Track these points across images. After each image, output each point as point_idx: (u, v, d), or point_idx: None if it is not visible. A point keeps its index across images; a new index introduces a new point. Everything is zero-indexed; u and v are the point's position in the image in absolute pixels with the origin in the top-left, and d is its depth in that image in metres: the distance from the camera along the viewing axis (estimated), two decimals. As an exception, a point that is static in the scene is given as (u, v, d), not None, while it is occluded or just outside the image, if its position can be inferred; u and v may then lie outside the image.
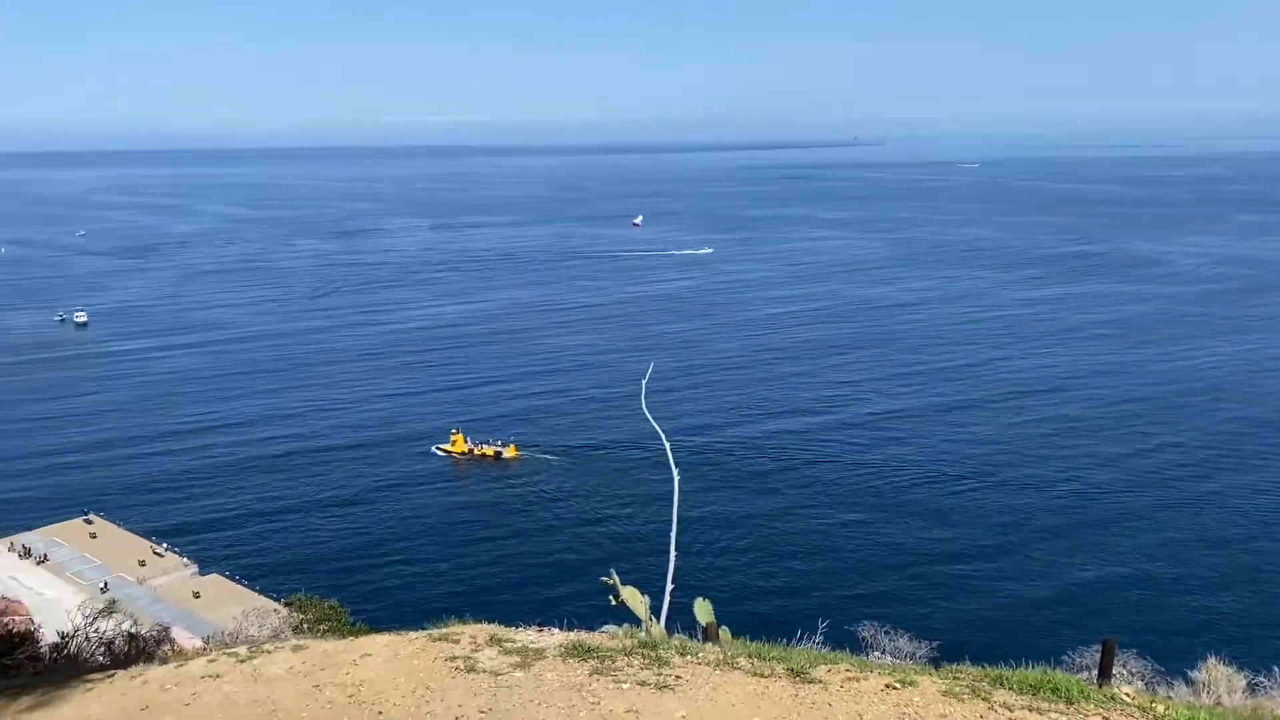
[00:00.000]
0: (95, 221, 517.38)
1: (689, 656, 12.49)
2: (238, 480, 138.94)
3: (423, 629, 11.28)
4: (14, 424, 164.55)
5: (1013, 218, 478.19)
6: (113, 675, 9.15)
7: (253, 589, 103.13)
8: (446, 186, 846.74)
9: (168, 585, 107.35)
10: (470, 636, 11.06)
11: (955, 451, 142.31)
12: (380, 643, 10.01)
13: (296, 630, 30.00)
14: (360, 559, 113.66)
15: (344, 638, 10.28)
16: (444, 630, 11.20)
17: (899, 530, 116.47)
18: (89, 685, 8.76)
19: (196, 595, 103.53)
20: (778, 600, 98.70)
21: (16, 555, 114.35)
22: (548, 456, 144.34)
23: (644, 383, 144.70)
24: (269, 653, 9.26)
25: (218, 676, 8.64)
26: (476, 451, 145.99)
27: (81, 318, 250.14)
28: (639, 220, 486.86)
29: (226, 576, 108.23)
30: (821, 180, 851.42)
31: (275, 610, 40.28)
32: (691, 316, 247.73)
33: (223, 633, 33.91)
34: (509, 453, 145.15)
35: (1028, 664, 13.33)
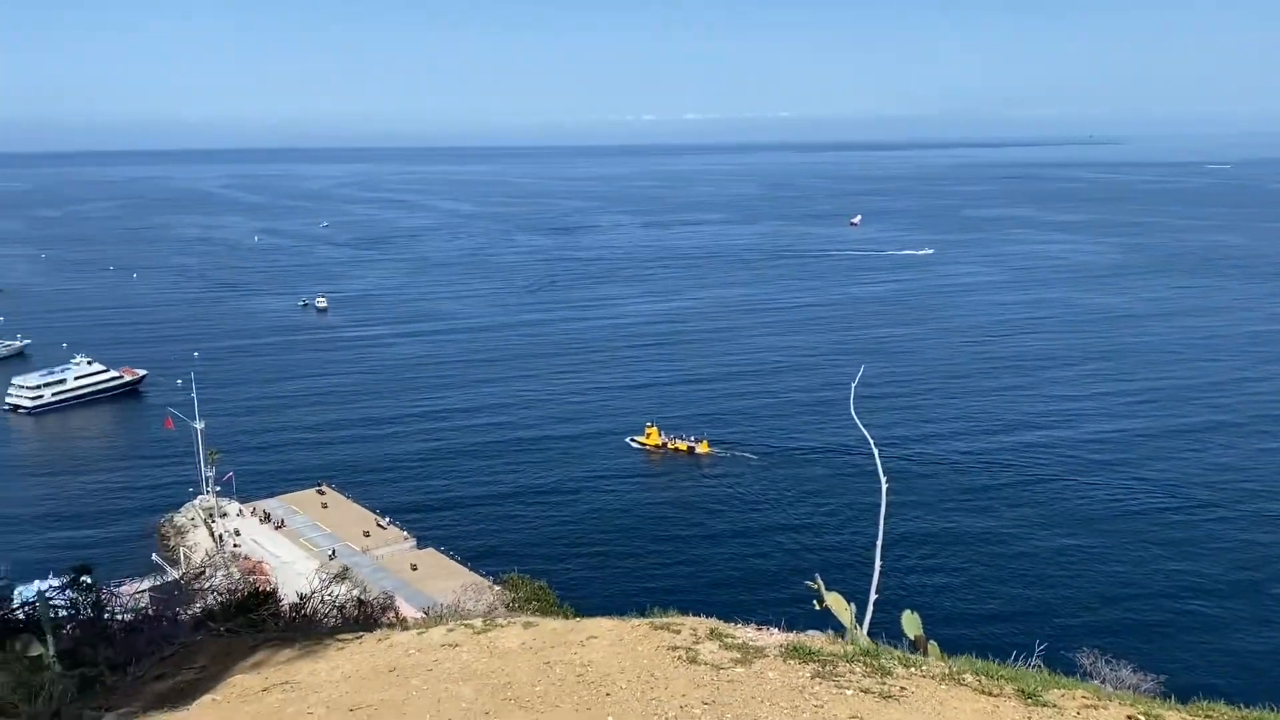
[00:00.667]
0: (338, 214, 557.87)
1: (913, 669, 11.94)
2: (452, 462, 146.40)
3: (644, 616, 11.33)
4: (262, 400, 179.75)
5: (1270, 224, 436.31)
6: (360, 637, 9.72)
7: (464, 565, 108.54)
8: (660, 184, 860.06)
9: (388, 556, 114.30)
10: (691, 629, 11.01)
11: (1193, 478, 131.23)
12: (605, 626, 10.11)
13: (508, 608, 31.13)
14: (560, 543, 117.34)
15: (568, 619, 10.48)
16: (665, 620, 11.20)
17: (1124, 559, 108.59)
18: (341, 644, 9.28)
19: (414, 568, 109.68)
20: (989, 622, 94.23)
21: (258, 520, 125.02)
22: (746, 455, 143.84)
23: (853, 386, 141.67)
24: (502, 627, 9.52)
25: (456, 645, 8.96)
26: (670, 446, 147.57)
27: (322, 304, 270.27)
28: (857, 219, 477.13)
29: (441, 552, 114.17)
30: (1051, 180, 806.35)
31: (489, 587, 41.91)
32: (907, 320, 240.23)
33: (441, 605, 35.43)
34: (702, 448, 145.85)
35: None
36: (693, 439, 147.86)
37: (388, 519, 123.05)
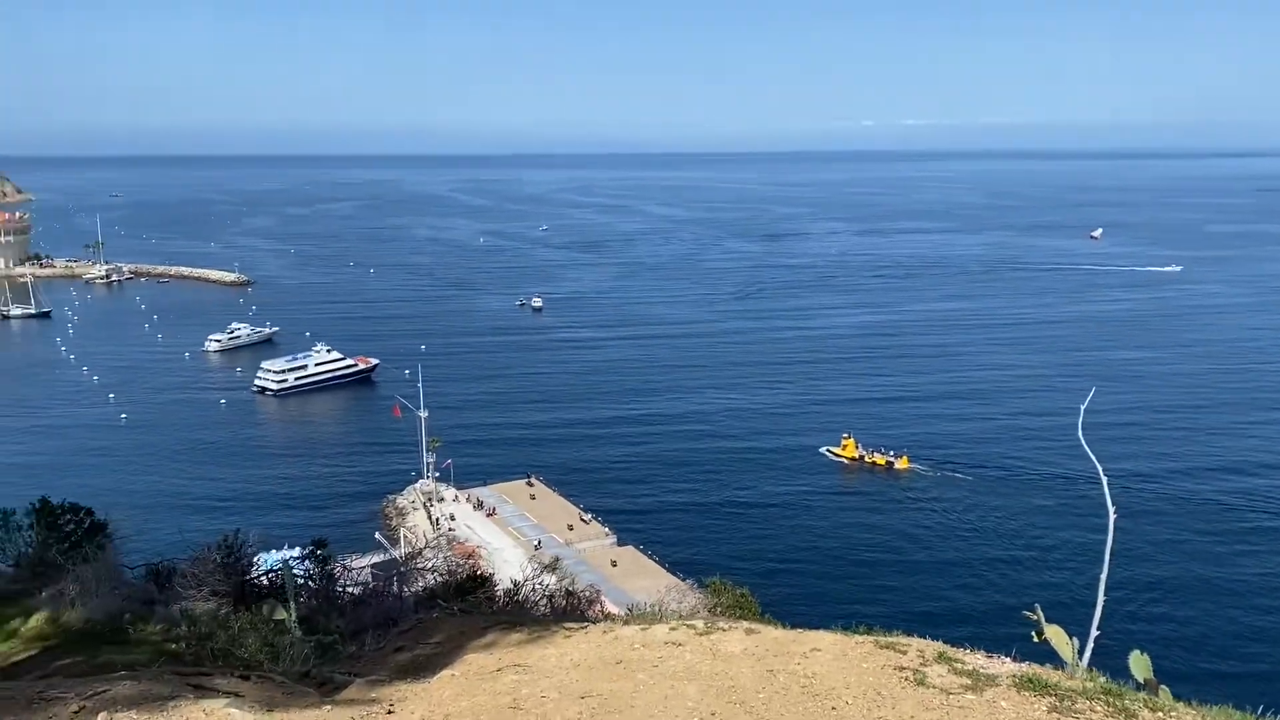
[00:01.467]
0: (556, 218, 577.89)
1: (1159, 713, 10.91)
2: (653, 462, 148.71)
3: (868, 633, 10.90)
4: (480, 393, 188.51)
5: None
6: (585, 627, 9.85)
7: (662, 565, 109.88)
8: (876, 191, 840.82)
9: (590, 551, 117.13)
10: (918, 650, 10.49)
11: None
12: (827, 640, 9.78)
13: (711, 612, 31.06)
14: (754, 551, 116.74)
15: (789, 629, 10.22)
16: (890, 639, 10.73)
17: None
18: (568, 633, 9.43)
19: (614, 564, 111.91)
20: (1225, 680, 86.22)
21: (471, 507, 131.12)
22: (955, 476, 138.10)
23: (1082, 410, 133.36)
24: (724, 630, 9.39)
25: (680, 645, 8.90)
26: (867, 459, 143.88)
27: (538, 304, 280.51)
28: (1098, 233, 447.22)
29: (640, 550, 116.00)
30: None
31: (691, 590, 41.93)
32: (1147, 342, 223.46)
33: (644, 603, 35.65)
34: (901, 464, 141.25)
35: None
36: (891, 454, 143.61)
37: (590, 514, 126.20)
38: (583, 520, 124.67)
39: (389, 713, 6.32)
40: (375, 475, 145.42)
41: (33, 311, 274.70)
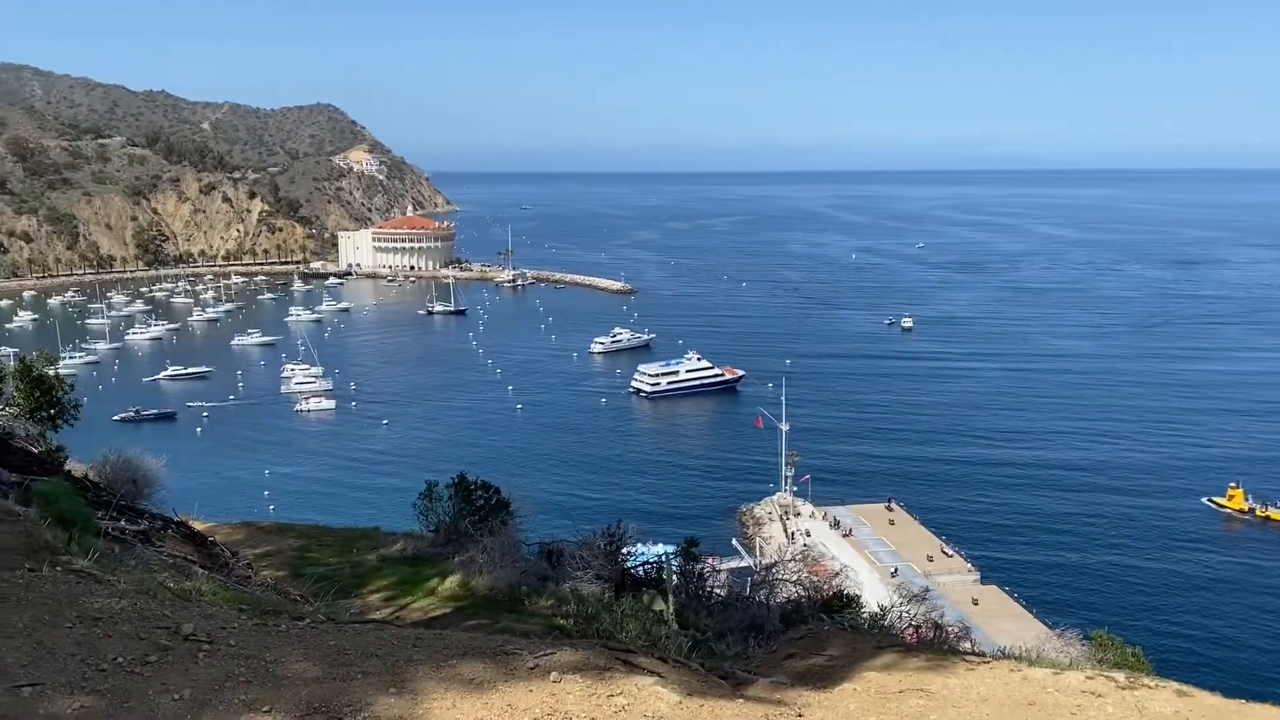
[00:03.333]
0: (933, 236, 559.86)
1: None
2: (1021, 499, 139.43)
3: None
4: (841, 410, 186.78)
5: None
6: (988, 660, 9.26)
7: (1028, 610, 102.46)
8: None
9: (949, 585, 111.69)
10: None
11: None
12: (1274, 714, 8.41)
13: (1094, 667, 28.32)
14: (1133, 604, 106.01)
15: (1225, 697, 8.91)
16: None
17: None
18: (970, 664, 8.94)
19: (975, 602, 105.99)
20: None
21: (828, 525, 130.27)
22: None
23: None
24: (1149, 688, 8.40)
25: (1099, 695, 8.09)
26: (1259, 512, 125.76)
27: (908, 323, 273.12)
28: None
29: (1005, 591, 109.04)
30: None
31: (1072, 640, 38.49)
32: None
33: (1022, 648, 33.30)
34: None
35: None
36: None
37: (953, 547, 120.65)
38: (944, 553, 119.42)
39: (799, 716, 6.28)
40: (734, 483, 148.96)
41: (451, 309, 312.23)
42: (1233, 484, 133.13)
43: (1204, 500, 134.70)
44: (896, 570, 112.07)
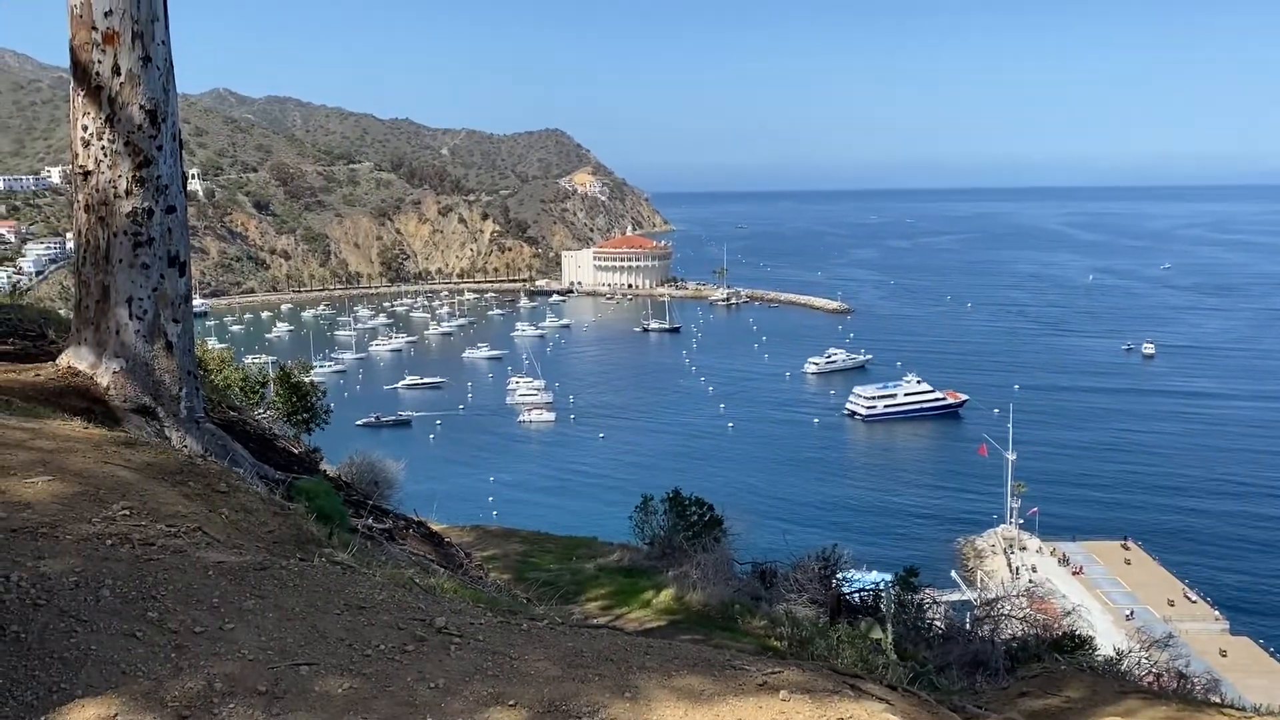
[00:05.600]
0: (1181, 256, 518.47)
1: None
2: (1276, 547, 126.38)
3: None
4: (1073, 441, 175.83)
5: None
6: (1249, 714, 8.58)
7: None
8: None
9: (1193, 633, 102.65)
10: None
11: None
12: None
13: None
14: None
15: None
16: None
17: None
18: (1225, 715, 8.34)
19: (1223, 654, 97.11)
20: None
21: (1056, 561, 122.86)
22: None
23: None
24: None
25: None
26: None
27: (1149, 349, 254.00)
28: None
29: (1259, 645, 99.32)
30: None
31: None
32: None
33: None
34: None
35: None
36: None
37: (1197, 593, 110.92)
38: (1187, 599, 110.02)
39: (1034, 757, 6.07)
40: (954, 512, 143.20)
41: (666, 326, 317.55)
42: None
43: None
44: (1132, 613, 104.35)
